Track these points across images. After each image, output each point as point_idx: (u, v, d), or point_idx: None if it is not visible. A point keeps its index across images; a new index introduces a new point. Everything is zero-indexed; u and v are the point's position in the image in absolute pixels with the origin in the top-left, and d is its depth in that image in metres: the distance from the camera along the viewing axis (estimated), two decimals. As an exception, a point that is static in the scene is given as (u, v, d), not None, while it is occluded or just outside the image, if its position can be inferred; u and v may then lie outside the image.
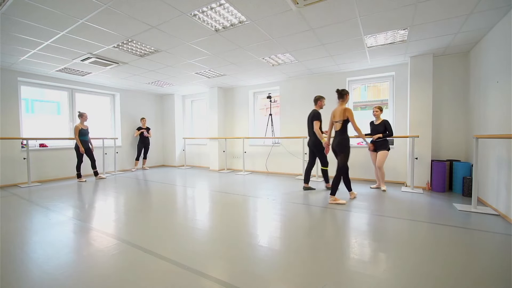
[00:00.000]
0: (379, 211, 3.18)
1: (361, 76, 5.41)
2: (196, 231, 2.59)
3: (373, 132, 4.44)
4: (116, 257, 2.03)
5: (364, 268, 1.83)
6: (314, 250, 2.13)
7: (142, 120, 7.40)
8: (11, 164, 5.17)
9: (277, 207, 3.41)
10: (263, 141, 6.88)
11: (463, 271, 1.78)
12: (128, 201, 3.82)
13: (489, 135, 2.98)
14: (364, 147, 5.22)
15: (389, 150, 4.36)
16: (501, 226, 2.64)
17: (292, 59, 4.67)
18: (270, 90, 6.75)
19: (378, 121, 4.40)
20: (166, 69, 5.24)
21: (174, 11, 2.88)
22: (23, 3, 2.67)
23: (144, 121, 7.41)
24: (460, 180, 4.07)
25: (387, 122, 4.32)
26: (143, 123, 7.39)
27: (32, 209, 3.40)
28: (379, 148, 4.34)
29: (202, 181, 5.48)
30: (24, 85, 5.54)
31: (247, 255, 2.06)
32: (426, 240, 2.31)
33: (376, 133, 4.36)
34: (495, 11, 2.92)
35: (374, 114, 4.42)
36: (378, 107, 4.43)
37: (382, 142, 4.31)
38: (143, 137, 7.34)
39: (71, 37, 3.56)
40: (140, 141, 7.35)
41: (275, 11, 2.92)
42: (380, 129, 4.34)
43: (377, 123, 4.40)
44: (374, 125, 4.45)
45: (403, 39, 3.75)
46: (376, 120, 4.45)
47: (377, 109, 4.41)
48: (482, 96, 3.68)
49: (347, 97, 3.65)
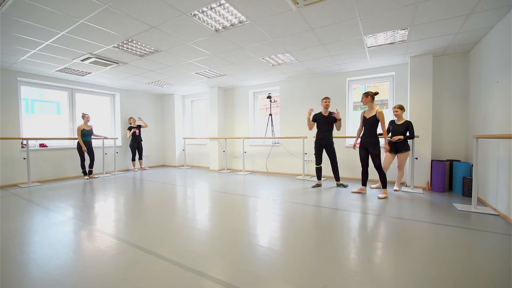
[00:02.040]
0: (379, 211, 3.18)
1: (361, 76, 5.41)
2: (196, 231, 2.59)
3: (394, 133, 4.16)
4: (116, 257, 2.03)
5: (364, 268, 1.83)
6: (314, 250, 2.13)
7: (130, 119, 7.26)
8: (11, 164, 5.17)
9: (277, 207, 3.41)
10: (263, 141, 6.88)
11: (463, 271, 1.78)
12: (128, 201, 3.82)
13: (489, 135, 2.98)
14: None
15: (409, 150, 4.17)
16: (501, 226, 2.64)
17: (292, 59, 4.67)
18: (270, 90, 6.75)
19: (400, 121, 4.16)
20: (166, 69, 5.24)
21: (174, 11, 2.88)
22: (23, 3, 2.67)
23: (133, 120, 7.25)
24: (460, 180, 4.07)
25: (410, 124, 4.08)
26: (132, 122, 7.24)
27: (32, 209, 3.40)
28: (401, 149, 4.11)
29: (202, 181, 5.48)
30: (24, 85, 5.54)
31: (247, 255, 2.06)
32: (426, 240, 2.31)
33: (397, 134, 4.11)
34: (495, 11, 2.92)
35: (395, 114, 4.18)
36: (399, 106, 4.17)
37: (403, 143, 4.09)
38: (135, 136, 7.17)
39: (71, 37, 3.56)
40: (133, 140, 7.18)
41: (275, 11, 2.92)
42: (401, 130, 4.09)
43: (399, 123, 4.15)
44: (396, 125, 4.18)
45: (403, 39, 3.75)
46: (397, 120, 4.20)
47: (397, 109, 4.15)
48: (482, 96, 3.68)
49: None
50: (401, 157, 4.15)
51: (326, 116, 4.53)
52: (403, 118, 4.18)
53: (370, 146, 3.82)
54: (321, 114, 4.59)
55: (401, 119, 4.17)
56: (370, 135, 3.83)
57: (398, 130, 4.13)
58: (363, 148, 3.96)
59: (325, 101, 4.54)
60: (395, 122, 4.23)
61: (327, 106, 4.52)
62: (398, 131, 4.12)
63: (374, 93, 3.83)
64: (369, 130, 3.83)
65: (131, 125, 7.25)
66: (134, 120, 7.29)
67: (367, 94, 3.83)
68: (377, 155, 3.79)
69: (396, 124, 4.20)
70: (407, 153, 4.13)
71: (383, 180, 3.85)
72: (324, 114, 4.56)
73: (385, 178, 3.85)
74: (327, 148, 4.57)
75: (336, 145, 5.66)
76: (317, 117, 4.60)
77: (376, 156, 3.79)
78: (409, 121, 4.13)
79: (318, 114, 4.61)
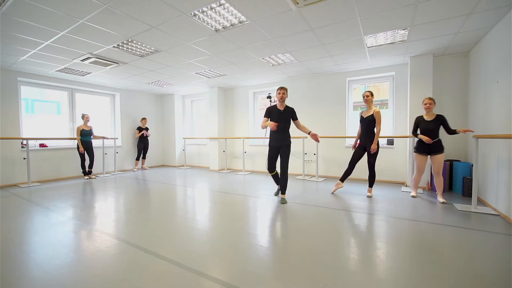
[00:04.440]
0: (379, 211, 3.18)
1: (361, 76, 5.41)
2: (196, 231, 2.59)
3: (425, 132, 3.55)
4: (116, 257, 2.03)
5: (364, 268, 1.83)
6: (314, 250, 2.13)
7: (143, 120, 7.42)
8: (11, 164, 5.17)
9: (277, 207, 3.41)
10: (263, 141, 6.88)
11: (463, 271, 1.78)
12: (128, 201, 3.82)
13: (489, 135, 2.98)
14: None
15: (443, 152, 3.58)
16: (501, 226, 2.64)
17: (292, 59, 4.67)
18: (270, 90, 6.75)
19: (431, 117, 3.54)
20: (166, 69, 5.24)
21: (174, 11, 2.88)
22: (23, 3, 2.67)
23: (145, 121, 7.44)
24: (460, 180, 4.07)
25: (444, 118, 3.48)
26: (143, 123, 7.41)
27: (32, 209, 3.40)
28: (435, 150, 3.51)
29: (202, 181, 5.48)
30: (24, 85, 5.54)
31: (247, 255, 2.06)
32: (426, 240, 2.31)
33: (429, 132, 3.50)
34: (495, 11, 2.92)
35: (427, 107, 3.53)
36: (431, 98, 3.55)
37: (438, 142, 3.51)
38: (143, 137, 7.37)
39: (71, 37, 3.56)
40: (140, 140, 7.36)
41: (275, 11, 2.92)
42: (433, 127, 3.49)
43: (429, 119, 3.54)
44: (425, 122, 3.56)
45: (403, 39, 3.75)
46: (427, 115, 3.58)
47: (430, 100, 3.52)
48: (482, 96, 3.68)
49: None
50: (436, 160, 3.51)
51: (281, 111, 3.57)
52: (433, 113, 3.56)
53: (368, 145, 3.81)
54: (276, 108, 3.59)
55: (431, 114, 3.56)
56: (367, 135, 3.83)
57: (429, 128, 3.51)
58: (361, 147, 3.95)
59: (279, 92, 3.54)
60: (424, 119, 3.61)
61: (282, 98, 3.55)
62: (430, 129, 3.51)
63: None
64: (367, 129, 3.84)
65: (141, 126, 7.38)
66: (146, 122, 7.43)
67: (371, 93, 3.82)
68: (374, 154, 3.79)
69: (426, 120, 3.57)
70: (443, 155, 3.52)
71: (372, 180, 3.91)
72: (280, 108, 3.58)
73: (374, 178, 3.90)
74: (282, 150, 3.57)
75: (336, 145, 5.72)
76: (271, 112, 3.60)
77: (372, 156, 3.80)
78: (441, 115, 3.52)
79: (272, 108, 3.61)
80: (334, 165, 5.74)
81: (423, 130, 3.58)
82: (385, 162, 5.12)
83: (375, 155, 3.80)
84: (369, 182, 3.95)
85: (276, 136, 3.59)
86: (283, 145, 3.57)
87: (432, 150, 3.55)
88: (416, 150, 3.72)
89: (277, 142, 3.59)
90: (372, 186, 3.96)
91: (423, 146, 3.60)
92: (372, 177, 3.90)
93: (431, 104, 3.52)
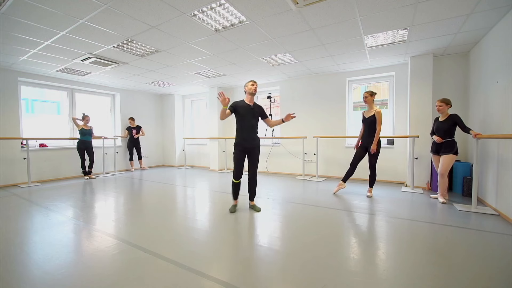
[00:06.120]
0: (379, 211, 3.18)
1: (361, 76, 5.41)
2: (196, 231, 2.59)
3: (437, 132, 3.62)
4: (116, 257, 2.03)
5: (364, 268, 1.83)
6: (314, 250, 2.13)
7: (130, 119, 7.25)
8: (11, 164, 5.17)
9: (277, 207, 3.41)
10: (263, 141, 6.85)
11: (463, 271, 1.78)
12: (128, 201, 3.82)
13: (489, 135, 2.98)
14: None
15: (457, 154, 3.51)
16: (501, 226, 2.64)
17: (292, 59, 4.67)
18: (270, 90, 6.75)
19: (444, 117, 3.59)
20: (166, 69, 5.24)
21: (174, 11, 2.88)
22: (23, 3, 2.67)
23: (133, 121, 7.25)
24: (460, 180, 4.07)
25: (457, 117, 3.44)
26: (131, 123, 7.25)
27: (32, 209, 3.40)
28: (444, 150, 3.52)
29: (202, 181, 5.48)
30: (24, 85, 5.54)
31: (247, 255, 2.06)
32: (426, 240, 2.31)
33: (440, 131, 3.56)
34: (495, 11, 2.92)
35: (438, 109, 3.56)
36: (442, 100, 3.54)
37: (449, 142, 3.51)
38: (132, 137, 7.19)
39: (71, 37, 3.56)
40: (129, 140, 7.22)
41: (275, 11, 2.92)
42: (444, 127, 3.52)
43: (442, 120, 3.59)
44: (439, 122, 3.64)
45: (403, 39, 3.75)
46: (441, 116, 3.63)
47: (441, 103, 3.53)
48: (482, 96, 3.68)
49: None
50: (443, 159, 3.50)
51: (251, 107, 3.11)
52: (447, 113, 3.57)
53: (370, 145, 3.80)
54: (244, 103, 3.11)
55: (445, 114, 3.58)
56: (369, 135, 3.83)
57: (440, 128, 3.58)
58: (363, 147, 3.95)
59: (252, 83, 3.09)
60: (438, 119, 3.70)
61: (253, 92, 3.08)
62: (441, 129, 3.57)
63: (374, 93, 3.84)
64: (369, 129, 3.84)
65: (130, 126, 7.26)
66: (134, 122, 7.30)
67: (372, 93, 3.80)
68: (375, 155, 3.79)
69: (439, 121, 3.65)
70: (451, 156, 3.46)
71: (373, 180, 3.92)
72: (249, 103, 3.11)
73: (375, 178, 3.91)
74: (251, 153, 3.15)
75: (336, 145, 5.72)
76: (238, 107, 3.08)
77: (373, 156, 3.79)
78: (454, 114, 3.49)
79: (240, 103, 3.10)
80: (334, 165, 5.74)
81: (436, 130, 3.68)
82: (385, 162, 5.12)
83: (376, 155, 3.79)
84: (370, 182, 3.95)
85: (246, 135, 3.09)
86: (255, 146, 3.15)
87: (442, 150, 3.58)
88: (431, 150, 3.82)
89: (248, 142, 3.09)
90: (372, 186, 3.96)
91: (435, 146, 3.70)
92: (373, 177, 3.90)
93: (441, 106, 3.55)
